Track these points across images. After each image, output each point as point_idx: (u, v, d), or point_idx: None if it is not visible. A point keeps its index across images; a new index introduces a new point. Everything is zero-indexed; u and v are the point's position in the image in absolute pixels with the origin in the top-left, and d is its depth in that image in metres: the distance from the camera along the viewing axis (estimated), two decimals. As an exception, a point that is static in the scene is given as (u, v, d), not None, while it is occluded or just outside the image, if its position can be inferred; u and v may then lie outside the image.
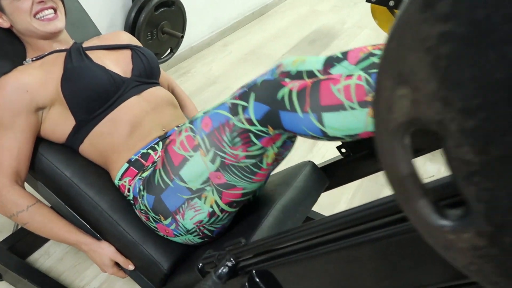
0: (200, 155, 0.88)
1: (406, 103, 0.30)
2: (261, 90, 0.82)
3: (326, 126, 0.77)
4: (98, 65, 1.10)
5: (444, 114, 0.29)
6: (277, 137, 0.85)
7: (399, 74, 0.30)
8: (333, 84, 0.77)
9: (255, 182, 0.91)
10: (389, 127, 0.32)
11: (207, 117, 0.88)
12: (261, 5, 3.55)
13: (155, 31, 2.25)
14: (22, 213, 1.01)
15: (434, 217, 0.33)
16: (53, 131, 1.09)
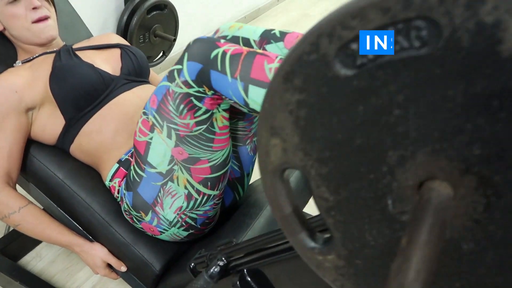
0: (157, 134, 0.90)
1: (279, 150, 0.37)
2: (195, 49, 0.83)
3: (249, 98, 0.80)
4: (86, 63, 1.11)
5: (305, 161, 0.36)
6: (219, 98, 0.86)
7: (272, 128, 0.36)
8: (267, 61, 0.79)
9: (216, 150, 0.91)
10: (268, 168, 0.38)
11: (153, 94, 0.90)
12: (253, 8, 3.57)
13: (147, 34, 2.26)
14: (14, 214, 1.01)
15: (308, 241, 0.40)
16: (43, 131, 1.09)
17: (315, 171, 0.36)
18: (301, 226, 0.40)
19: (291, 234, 0.41)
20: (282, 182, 0.38)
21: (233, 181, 1.10)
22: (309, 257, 0.41)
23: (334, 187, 0.37)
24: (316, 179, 0.37)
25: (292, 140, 0.36)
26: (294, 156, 0.36)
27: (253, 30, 1.02)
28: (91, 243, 1.07)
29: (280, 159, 0.37)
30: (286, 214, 0.40)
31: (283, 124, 0.36)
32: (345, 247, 0.39)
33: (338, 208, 0.38)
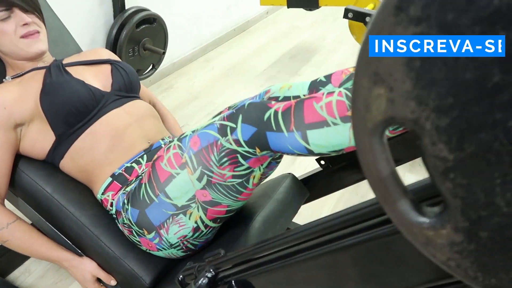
0: (187, 173, 0.90)
1: (383, 102, 0.31)
2: (249, 112, 0.84)
3: (310, 144, 0.79)
4: (77, 79, 1.11)
5: (418, 113, 0.31)
6: (264, 158, 0.88)
7: (375, 74, 0.31)
8: (315, 101, 0.80)
9: (240, 200, 0.93)
10: (367, 125, 0.33)
11: (196, 136, 0.90)
12: (243, 21, 3.60)
13: (136, 47, 2.27)
14: (1, 230, 1.00)
15: (413, 215, 0.34)
16: (33, 147, 1.09)
17: (431, 124, 0.31)
18: (403, 192, 0.34)
19: (391, 202, 0.35)
20: (382, 143, 0.33)
21: None
22: (415, 232, 0.35)
23: (456, 141, 0.31)
24: (433, 134, 0.31)
25: (402, 87, 0.30)
26: (404, 108, 0.31)
27: (301, 86, 1.04)
28: (80, 257, 1.07)
29: (385, 113, 0.32)
30: (384, 176, 0.34)
31: (391, 68, 0.30)
32: (466, 218, 0.33)
33: (461, 168, 0.31)
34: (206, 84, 2.85)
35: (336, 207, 1.76)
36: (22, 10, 1.10)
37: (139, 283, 1.02)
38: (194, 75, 2.95)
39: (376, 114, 0.32)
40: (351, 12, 1.94)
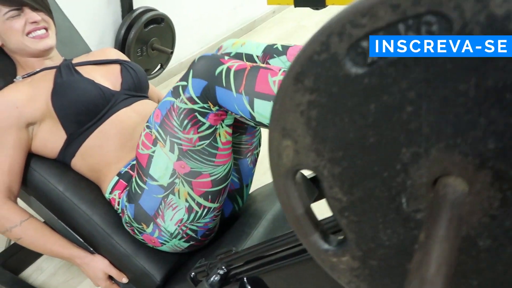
0: (160, 148, 0.91)
1: (291, 151, 0.37)
2: (199, 66, 0.85)
3: (255, 111, 0.82)
4: (87, 79, 1.13)
5: (318, 162, 0.36)
6: (223, 114, 0.88)
7: (283, 129, 0.36)
8: (271, 75, 0.82)
9: (218, 165, 0.93)
10: (280, 170, 0.38)
11: (157, 109, 0.92)
12: (249, 20, 3.61)
13: (145, 47, 2.29)
14: (15, 228, 1.02)
15: (321, 243, 0.39)
16: (45, 146, 1.11)
17: (328, 172, 0.36)
18: (314, 228, 0.39)
19: (304, 235, 0.40)
20: (294, 184, 0.38)
21: (232, 192, 1.12)
22: (323, 259, 0.40)
23: (347, 187, 0.36)
24: (329, 180, 0.36)
25: (304, 141, 0.36)
26: (306, 157, 0.36)
27: (256, 46, 1.05)
28: (92, 255, 1.08)
29: (293, 161, 0.37)
30: (298, 214, 0.39)
31: (294, 125, 0.35)
32: (359, 248, 0.39)
33: (352, 208, 0.37)
34: None
35: (343, 206, 1.76)
36: (32, 9, 1.12)
37: (150, 281, 1.04)
38: (201, 75, 2.96)
39: (286, 161, 0.38)
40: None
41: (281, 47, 1.03)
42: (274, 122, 0.37)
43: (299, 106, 0.34)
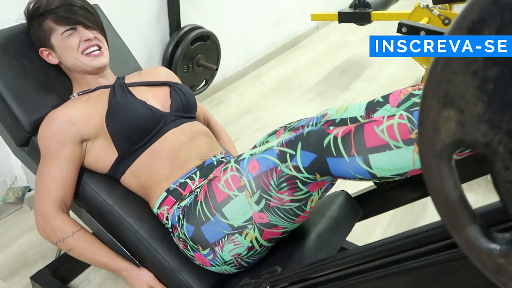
0: (245, 196, 0.92)
1: (452, 124, 0.31)
2: (308, 140, 0.86)
3: (373, 168, 0.79)
4: (140, 100, 1.17)
5: (491, 136, 0.30)
6: (324, 183, 0.89)
7: (445, 96, 0.30)
8: (376, 125, 0.80)
9: (296, 223, 0.94)
10: (435, 148, 0.32)
11: (255, 160, 0.92)
12: (293, 36, 3.62)
13: (191, 64, 2.34)
14: (67, 239, 1.06)
15: (482, 241, 0.33)
16: (97, 162, 1.15)
17: (504, 148, 0.30)
18: (472, 219, 0.34)
19: (459, 227, 0.34)
20: (450, 166, 0.33)
21: None
22: (485, 259, 0.34)
23: None
24: (506, 159, 0.30)
25: (473, 110, 0.30)
26: (474, 130, 0.30)
27: (358, 107, 1.05)
28: (138, 268, 1.10)
29: (454, 135, 0.31)
30: (452, 200, 0.34)
31: (462, 90, 0.30)
32: None
33: None
34: (256, 99, 2.89)
35: (389, 226, 1.72)
36: (85, 27, 1.18)
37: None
38: (245, 90, 3.00)
39: (445, 136, 0.31)
40: (405, 26, 1.91)
41: (381, 98, 1.03)
42: (432, 88, 0.31)
43: (471, 65, 0.29)
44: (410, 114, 0.78)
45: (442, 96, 0.30)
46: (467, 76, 0.29)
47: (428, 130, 0.32)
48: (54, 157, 1.09)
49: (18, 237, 1.70)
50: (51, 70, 1.25)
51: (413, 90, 1.00)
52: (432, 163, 0.33)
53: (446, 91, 0.30)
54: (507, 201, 0.31)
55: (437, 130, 0.32)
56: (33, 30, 1.20)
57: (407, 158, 0.76)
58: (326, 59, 3.45)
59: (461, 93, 0.30)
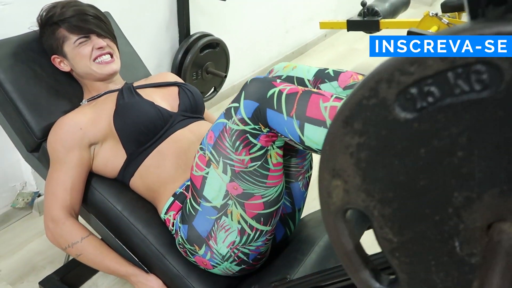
0: (213, 169, 0.93)
1: (340, 191, 0.38)
2: (251, 88, 0.87)
3: (305, 136, 0.82)
4: (147, 100, 1.18)
5: (368, 202, 0.36)
6: (273, 136, 0.88)
7: (333, 170, 0.37)
8: (322, 100, 0.82)
9: (270, 186, 0.93)
10: (330, 209, 0.39)
11: (210, 131, 0.94)
12: (301, 44, 3.63)
13: (200, 71, 2.35)
14: (76, 244, 1.06)
15: (372, 282, 0.39)
16: (105, 165, 1.16)
17: (378, 212, 0.36)
18: (364, 264, 0.40)
19: (354, 271, 0.40)
20: (345, 221, 0.39)
21: (284, 216, 1.11)
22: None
23: (398, 228, 0.36)
24: (379, 220, 0.37)
25: (353, 181, 0.36)
26: (356, 197, 0.37)
27: (307, 70, 1.06)
28: (146, 274, 1.10)
29: (342, 200, 0.38)
30: (348, 250, 0.40)
31: (344, 166, 0.36)
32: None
33: (403, 249, 0.37)
34: None
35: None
36: (98, 36, 1.20)
37: (202, 303, 1.04)
38: (253, 97, 3.00)
39: (336, 200, 0.38)
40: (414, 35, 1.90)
41: (332, 72, 1.04)
42: (324, 163, 0.38)
43: (349, 148, 0.35)
44: None
45: (331, 169, 0.37)
46: (347, 156, 0.35)
47: (324, 194, 0.39)
48: (63, 162, 1.10)
49: (27, 242, 1.71)
50: (62, 77, 1.27)
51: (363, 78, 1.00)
52: (329, 220, 0.40)
53: (334, 166, 0.37)
54: (384, 253, 0.38)
55: (330, 195, 0.38)
56: (45, 37, 1.22)
57: None
58: (334, 67, 3.41)
59: (344, 168, 0.36)
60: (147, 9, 2.13)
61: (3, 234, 1.74)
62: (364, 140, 0.34)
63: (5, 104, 1.20)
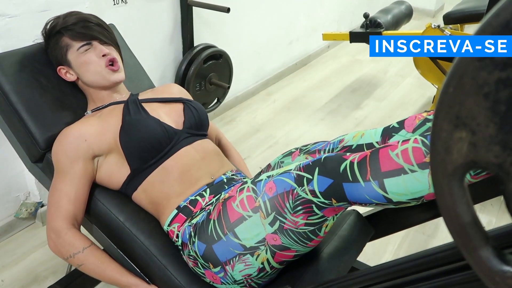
0: (259, 217, 0.92)
1: (464, 145, 0.31)
2: (325, 165, 0.87)
3: (389, 192, 0.80)
4: (153, 117, 1.18)
5: (503, 158, 0.30)
6: (340, 209, 0.89)
7: (457, 117, 0.30)
8: (391, 150, 0.80)
9: (309, 247, 0.94)
10: (447, 169, 0.32)
11: (272, 182, 0.93)
12: (304, 55, 3.66)
13: (203, 82, 2.37)
14: (78, 254, 1.06)
15: (495, 262, 0.33)
16: (109, 178, 1.16)
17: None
18: (485, 241, 0.33)
19: (472, 249, 0.34)
20: (462, 187, 0.33)
21: None
22: (497, 281, 0.34)
23: None
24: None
25: (485, 131, 0.30)
26: (487, 152, 0.30)
27: (374, 133, 1.07)
28: (148, 284, 1.10)
29: (466, 157, 0.31)
30: (465, 222, 0.33)
31: (474, 111, 0.30)
32: None
33: None
34: (267, 117, 2.90)
35: (401, 246, 1.70)
36: (101, 42, 1.21)
37: (203, 314, 1.04)
38: (256, 109, 3.02)
39: (457, 157, 0.31)
40: (417, 46, 1.91)
41: (397, 124, 1.04)
42: (444, 110, 0.31)
43: (484, 87, 0.29)
44: (425, 138, 0.78)
45: (454, 117, 0.30)
46: (479, 97, 0.29)
47: (440, 151, 0.32)
48: (67, 173, 1.10)
49: (30, 252, 1.71)
50: (67, 88, 1.28)
51: (428, 115, 1.01)
52: (444, 184, 0.33)
53: (458, 113, 0.30)
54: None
55: (449, 151, 0.32)
56: (50, 49, 1.23)
57: (423, 181, 0.76)
58: (337, 78, 3.47)
59: (473, 114, 0.30)
60: (151, 21, 2.15)
61: (6, 244, 1.75)
62: (508, 74, 0.28)
63: (10, 115, 1.21)
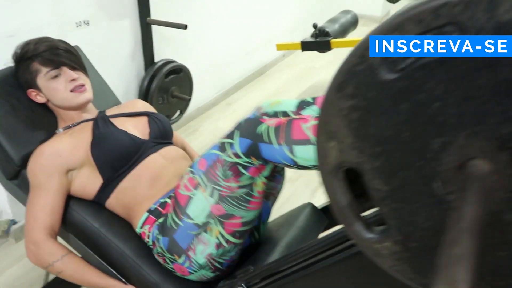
0: (201, 192, 1.05)
1: (335, 151, 0.43)
2: (244, 127, 1.01)
3: (296, 157, 0.94)
4: (121, 130, 1.28)
5: (360, 158, 0.42)
6: (262, 167, 1.01)
7: (328, 132, 0.42)
8: (303, 123, 0.95)
9: (250, 210, 1.05)
10: (327, 168, 0.44)
11: (202, 158, 1.06)
12: (261, 65, 3.77)
13: (165, 95, 2.45)
14: (57, 262, 1.14)
15: (364, 233, 0.45)
16: (83, 189, 1.24)
17: (369, 166, 0.41)
18: (357, 218, 0.44)
19: (348, 225, 0.45)
20: (339, 179, 0.44)
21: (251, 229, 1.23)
22: (367, 246, 0.45)
23: (386, 177, 0.41)
24: (370, 173, 0.41)
25: (346, 141, 0.41)
26: (349, 155, 0.41)
27: (289, 103, 1.20)
28: (126, 285, 1.19)
29: (338, 159, 0.42)
30: (342, 206, 0.44)
31: (338, 128, 0.41)
32: (400, 233, 0.43)
33: (392, 197, 0.42)
34: (229, 126, 2.92)
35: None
36: (70, 68, 1.29)
37: (178, 307, 1.13)
38: (218, 118, 3.11)
39: (331, 160, 0.43)
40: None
41: (311, 99, 1.18)
42: (321, 127, 0.42)
43: (342, 111, 0.39)
44: None
45: (327, 132, 0.42)
46: (340, 118, 0.40)
47: (321, 156, 0.44)
48: (43, 187, 1.17)
49: (6, 268, 1.74)
50: (37, 108, 1.35)
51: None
52: (326, 179, 0.45)
53: (329, 128, 0.42)
54: (375, 202, 0.43)
55: (326, 155, 0.43)
56: (20, 72, 1.30)
57: None
58: (293, 85, 3.61)
59: (338, 129, 0.41)
60: (114, 40, 2.23)
61: (-18, 263, 1.77)
62: (355, 102, 0.38)
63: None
